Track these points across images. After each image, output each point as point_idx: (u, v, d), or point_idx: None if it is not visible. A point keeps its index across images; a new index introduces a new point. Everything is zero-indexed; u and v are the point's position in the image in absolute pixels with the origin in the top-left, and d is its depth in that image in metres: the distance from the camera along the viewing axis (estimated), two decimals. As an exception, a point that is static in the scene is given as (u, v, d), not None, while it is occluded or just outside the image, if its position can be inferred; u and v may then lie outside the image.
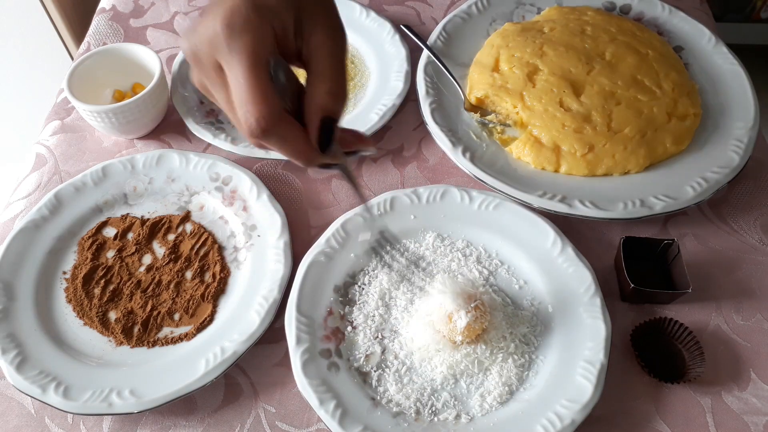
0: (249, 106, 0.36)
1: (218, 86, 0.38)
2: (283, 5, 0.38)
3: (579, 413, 0.54)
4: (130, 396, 0.57)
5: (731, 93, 0.77)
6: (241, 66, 0.36)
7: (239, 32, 0.36)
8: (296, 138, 0.38)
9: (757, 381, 0.59)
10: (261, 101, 0.36)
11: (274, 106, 0.36)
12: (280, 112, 0.37)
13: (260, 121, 0.36)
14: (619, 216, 0.66)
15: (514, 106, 0.75)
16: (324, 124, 0.39)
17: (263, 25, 0.37)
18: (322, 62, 0.39)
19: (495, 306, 0.60)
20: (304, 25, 0.39)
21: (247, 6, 0.36)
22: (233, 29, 0.36)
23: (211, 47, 0.37)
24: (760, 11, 1.89)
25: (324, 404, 0.55)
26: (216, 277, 0.66)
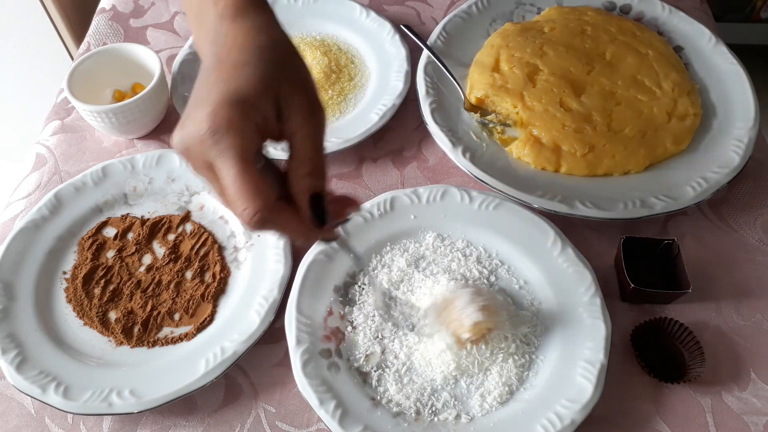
0: (245, 203, 0.38)
1: (212, 182, 0.39)
2: (263, 96, 0.39)
3: (579, 413, 0.54)
4: (130, 396, 0.57)
5: (731, 93, 0.77)
6: (230, 166, 0.37)
7: (224, 135, 0.37)
8: (292, 223, 0.41)
9: (757, 381, 0.59)
10: (254, 197, 0.38)
11: (267, 199, 0.38)
12: (273, 203, 0.39)
13: (257, 214, 0.38)
14: (619, 216, 0.66)
15: (514, 106, 0.75)
16: (313, 202, 0.41)
17: (246, 123, 0.38)
18: (302, 144, 0.41)
19: (499, 306, 0.60)
20: (282, 110, 0.40)
21: (229, 106, 0.38)
22: (217, 132, 0.37)
23: (200, 148, 0.38)
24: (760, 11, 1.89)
25: (324, 404, 0.55)
26: (216, 277, 0.66)
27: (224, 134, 0.37)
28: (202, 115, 0.38)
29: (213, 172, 0.39)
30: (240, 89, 0.39)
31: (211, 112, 0.37)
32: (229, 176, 0.38)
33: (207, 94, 0.39)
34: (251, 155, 0.38)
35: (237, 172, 0.37)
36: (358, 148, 0.76)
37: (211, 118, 0.37)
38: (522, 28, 0.82)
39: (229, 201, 0.39)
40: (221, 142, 0.37)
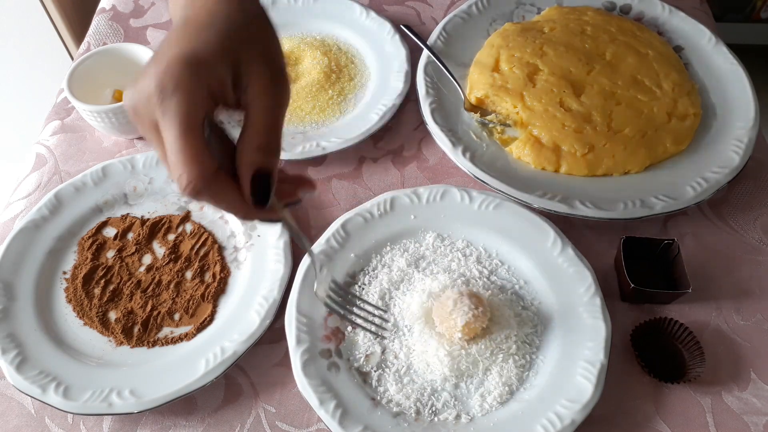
0: (181, 168, 0.36)
1: (155, 143, 0.38)
2: (219, 58, 0.37)
3: (579, 413, 0.54)
4: (130, 396, 0.57)
5: (731, 93, 0.77)
6: (172, 128, 0.36)
7: (170, 94, 0.35)
8: (230, 197, 0.39)
9: (757, 381, 0.59)
10: (192, 163, 0.36)
11: (206, 167, 0.36)
12: (211, 173, 0.37)
13: (192, 182, 0.36)
14: (619, 216, 0.66)
15: (514, 106, 0.75)
16: (257, 180, 0.39)
17: (195, 86, 0.36)
18: (256, 116, 0.39)
19: (501, 306, 0.60)
20: (241, 77, 0.38)
21: (180, 65, 0.36)
22: (165, 91, 0.35)
23: (147, 106, 0.36)
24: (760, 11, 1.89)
25: (324, 404, 0.55)
26: (216, 277, 0.66)
27: (171, 93, 0.35)
28: (153, 72, 0.36)
29: (158, 134, 0.37)
30: (196, 49, 0.37)
31: (162, 69, 0.36)
32: (170, 138, 0.36)
33: (163, 52, 0.37)
34: (197, 120, 0.36)
35: (178, 134, 0.36)
36: (358, 148, 0.76)
37: (160, 76, 0.36)
38: (522, 28, 0.82)
39: (168, 165, 0.37)
40: (167, 101, 0.35)
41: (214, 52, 0.37)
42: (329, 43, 0.86)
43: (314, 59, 0.83)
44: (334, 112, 0.79)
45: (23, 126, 1.43)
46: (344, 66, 0.84)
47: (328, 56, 0.83)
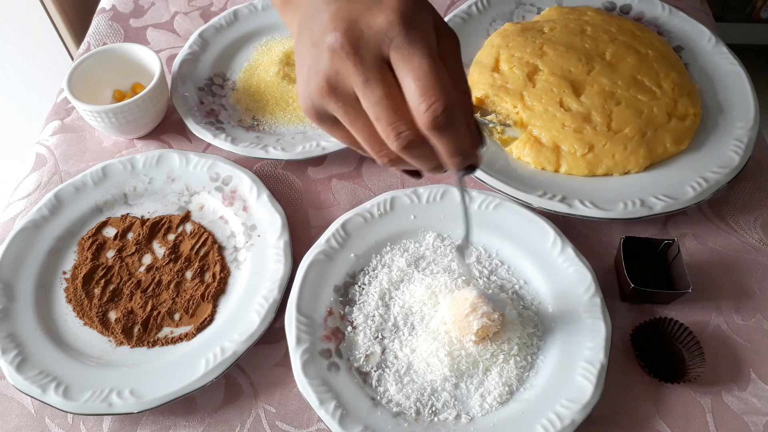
0: (437, 95, 0.35)
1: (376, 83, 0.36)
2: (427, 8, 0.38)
3: (579, 413, 0.54)
4: (130, 396, 0.57)
5: (731, 93, 0.77)
6: (425, 56, 0.35)
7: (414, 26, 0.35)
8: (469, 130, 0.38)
9: (757, 381, 0.59)
10: (447, 89, 0.35)
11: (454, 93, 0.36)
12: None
13: (449, 107, 0.35)
14: (619, 216, 0.66)
15: (514, 106, 0.75)
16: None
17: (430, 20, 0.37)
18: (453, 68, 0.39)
19: (503, 307, 0.60)
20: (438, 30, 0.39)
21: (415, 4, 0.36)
22: (408, 22, 0.35)
23: (381, 40, 0.35)
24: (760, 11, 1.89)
25: (324, 404, 0.55)
26: (216, 277, 0.66)
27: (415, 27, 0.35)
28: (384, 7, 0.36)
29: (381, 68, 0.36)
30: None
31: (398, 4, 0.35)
32: (422, 67, 0.35)
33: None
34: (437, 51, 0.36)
35: (432, 62, 0.35)
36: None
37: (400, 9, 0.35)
38: (522, 28, 0.82)
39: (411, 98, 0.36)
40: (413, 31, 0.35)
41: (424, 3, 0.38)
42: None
43: (314, 59, 0.82)
44: (334, 112, 0.79)
45: (23, 126, 1.44)
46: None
47: (328, 56, 0.83)
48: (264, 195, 0.70)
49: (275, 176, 0.75)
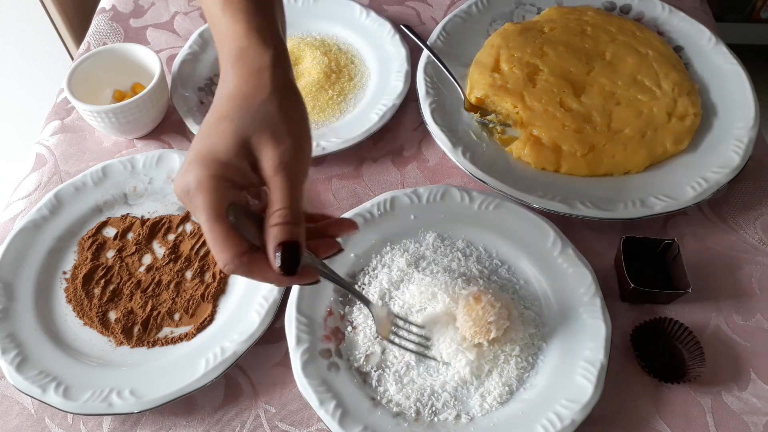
0: (215, 253, 0.41)
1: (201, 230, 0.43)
2: (234, 152, 0.42)
3: (579, 413, 0.54)
4: (130, 396, 0.57)
5: (731, 93, 0.77)
6: (202, 221, 0.41)
7: (194, 194, 0.41)
8: (261, 271, 0.42)
9: (757, 381, 0.59)
10: (223, 248, 0.41)
11: (235, 250, 0.41)
12: (242, 253, 0.41)
13: (226, 264, 0.41)
14: (619, 216, 0.66)
15: (514, 106, 0.75)
16: (286, 250, 0.41)
17: (213, 183, 0.41)
18: (273, 195, 0.42)
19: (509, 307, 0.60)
20: (257, 161, 0.43)
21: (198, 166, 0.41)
22: (189, 193, 0.41)
23: (182, 201, 0.42)
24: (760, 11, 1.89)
25: (324, 404, 0.55)
26: (216, 277, 0.66)
27: (195, 194, 0.41)
28: (183, 171, 0.41)
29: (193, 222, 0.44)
30: (213, 147, 0.41)
31: (184, 172, 0.41)
32: (204, 229, 0.41)
33: (193, 145, 0.42)
34: (220, 211, 0.41)
35: (207, 227, 0.41)
36: (358, 148, 0.76)
37: (183, 178, 0.41)
38: (522, 28, 0.82)
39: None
40: (193, 200, 0.41)
41: (228, 146, 0.42)
42: (329, 43, 0.86)
43: (314, 59, 0.83)
44: (334, 112, 0.79)
45: (23, 126, 1.44)
46: (344, 66, 0.84)
47: (328, 56, 0.83)
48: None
49: (275, 176, 0.75)
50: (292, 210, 0.42)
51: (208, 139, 0.42)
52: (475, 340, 0.57)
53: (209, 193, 0.40)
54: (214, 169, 0.41)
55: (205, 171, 0.41)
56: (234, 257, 0.41)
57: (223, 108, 0.43)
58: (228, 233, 0.41)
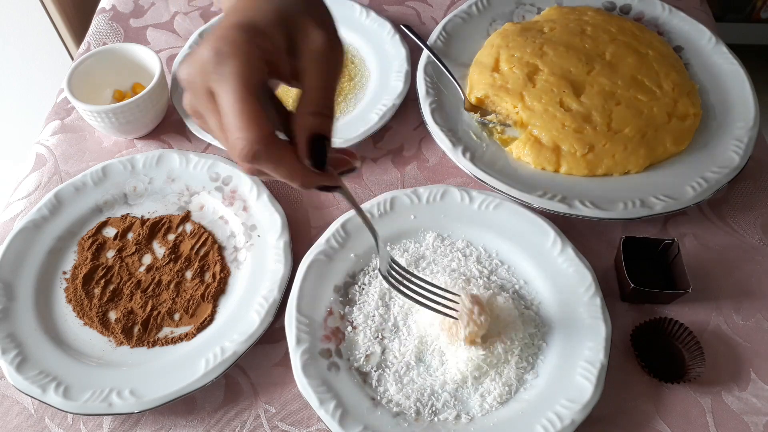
0: (240, 131, 0.35)
1: (210, 113, 0.37)
2: (275, 25, 0.38)
3: (579, 413, 0.54)
4: (130, 396, 0.57)
5: (731, 93, 0.77)
6: (230, 91, 0.36)
7: (226, 57, 0.36)
8: (290, 160, 0.38)
9: (757, 381, 0.59)
10: (251, 125, 0.35)
11: (265, 129, 0.36)
12: (271, 135, 0.36)
13: (252, 144, 0.36)
14: (619, 216, 0.66)
15: (514, 106, 0.75)
16: (314, 144, 0.39)
17: (251, 48, 0.36)
18: (310, 80, 0.39)
19: (507, 308, 0.60)
20: (296, 44, 0.39)
21: (235, 30, 0.36)
22: (221, 54, 0.36)
23: (203, 74, 0.36)
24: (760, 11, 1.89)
25: (324, 404, 0.55)
26: (216, 277, 0.66)
27: (228, 57, 0.36)
28: (209, 39, 0.36)
29: (212, 102, 0.37)
30: (252, 17, 0.37)
31: (218, 35, 0.36)
32: (227, 101, 0.36)
33: (219, 24, 0.37)
34: (254, 82, 0.36)
35: (237, 97, 0.35)
36: (358, 148, 0.76)
37: (216, 42, 0.36)
38: (522, 28, 0.82)
39: (224, 129, 0.37)
40: (224, 64, 0.35)
41: (269, 19, 0.37)
42: None
43: (314, 59, 0.82)
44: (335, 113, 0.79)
45: (23, 126, 1.43)
46: (344, 66, 0.84)
47: (328, 56, 0.83)
48: (264, 195, 0.70)
49: (275, 176, 0.75)
50: (327, 101, 0.39)
51: (246, 13, 0.37)
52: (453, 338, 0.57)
53: (245, 59, 0.36)
54: (254, 36, 0.36)
55: (243, 35, 0.36)
56: (262, 138, 0.35)
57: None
58: (258, 109, 0.36)
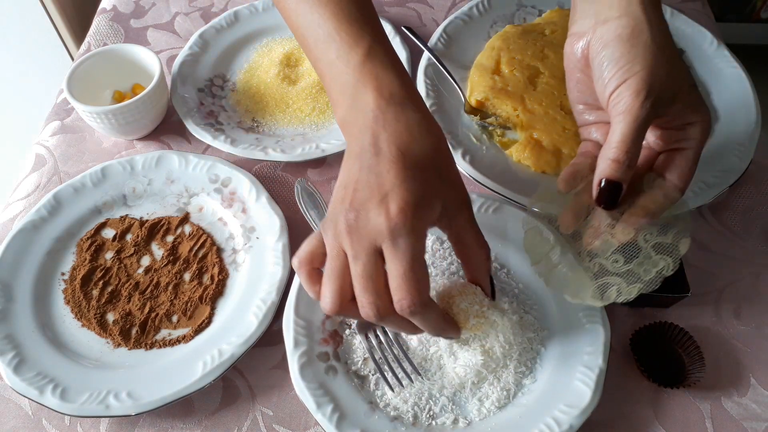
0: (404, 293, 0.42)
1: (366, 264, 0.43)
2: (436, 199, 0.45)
3: (577, 418, 0.54)
4: (127, 398, 0.57)
5: (733, 96, 0.77)
6: (404, 260, 0.42)
7: (405, 235, 0.42)
8: (435, 317, 0.46)
9: (757, 387, 0.59)
10: (417, 289, 0.42)
11: (427, 293, 0.43)
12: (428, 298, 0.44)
13: (414, 304, 0.42)
14: (619, 220, 0.65)
15: (515, 108, 0.75)
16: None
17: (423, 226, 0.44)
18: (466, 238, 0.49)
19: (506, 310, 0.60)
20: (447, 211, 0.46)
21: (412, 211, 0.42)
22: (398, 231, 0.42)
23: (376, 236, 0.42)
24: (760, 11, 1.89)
25: (321, 408, 0.55)
26: (214, 279, 0.65)
27: (406, 235, 0.42)
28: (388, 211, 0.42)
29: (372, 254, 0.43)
30: (421, 194, 0.43)
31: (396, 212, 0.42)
32: (400, 267, 0.42)
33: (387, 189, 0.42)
34: (423, 254, 0.43)
35: (409, 266, 0.42)
36: (357, 150, 0.76)
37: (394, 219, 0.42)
38: (523, 31, 0.82)
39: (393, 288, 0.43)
40: (400, 239, 0.42)
41: (432, 194, 0.44)
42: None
43: (314, 61, 0.82)
44: (334, 114, 0.79)
45: (23, 126, 1.43)
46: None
47: (329, 58, 0.83)
48: (263, 197, 0.70)
49: (275, 178, 0.75)
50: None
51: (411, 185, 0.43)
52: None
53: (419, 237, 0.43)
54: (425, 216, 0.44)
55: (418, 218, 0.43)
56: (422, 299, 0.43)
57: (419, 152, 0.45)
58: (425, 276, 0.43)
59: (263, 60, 0.84)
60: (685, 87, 0.48)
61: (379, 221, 0.42)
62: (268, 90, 0.81)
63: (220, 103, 0.81)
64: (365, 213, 0.42)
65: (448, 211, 0.46)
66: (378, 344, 0.59)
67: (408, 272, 0.42)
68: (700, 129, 0.48)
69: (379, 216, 0.42)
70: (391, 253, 0.42)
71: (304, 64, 0.83)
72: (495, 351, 0.58)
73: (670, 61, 0.47)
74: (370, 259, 0.43)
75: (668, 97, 0.47)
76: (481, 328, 0.54)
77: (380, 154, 0.43)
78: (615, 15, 0.49)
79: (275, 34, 0.88)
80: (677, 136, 0.49)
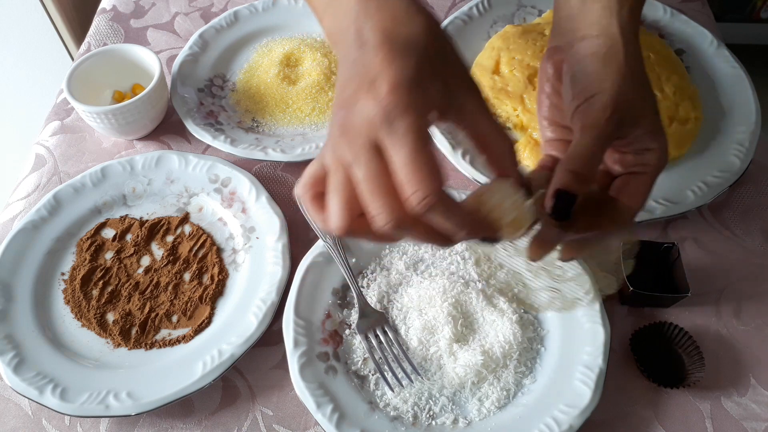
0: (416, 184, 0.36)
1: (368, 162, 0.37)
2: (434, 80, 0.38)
3: (577, 418, 0.54)
4: (127, 398, 0.57)
5: (733, 96, 0.77)
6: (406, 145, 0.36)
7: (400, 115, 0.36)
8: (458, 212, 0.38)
9: (757, 386, 0.59)
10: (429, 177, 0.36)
11: (440, 181, 0.37)
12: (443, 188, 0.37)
13: (429, 196, 0.36)
14: (619, 220, 0.65)
15: (515, 108, 0.75)
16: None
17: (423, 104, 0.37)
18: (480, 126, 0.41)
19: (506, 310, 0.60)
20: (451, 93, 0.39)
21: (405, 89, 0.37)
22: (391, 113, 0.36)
23: (369, 127, 0.37)
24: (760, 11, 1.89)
25: (321, 408, 0.55)
26: (214, 279, 0.65)
27: (401, 115, 0.36)
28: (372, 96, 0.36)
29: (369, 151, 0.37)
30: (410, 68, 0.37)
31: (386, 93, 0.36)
32: (403, 155, 0.36)
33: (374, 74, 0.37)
34: (427, 136, 0.37)
35: (412, 150, 0.36)
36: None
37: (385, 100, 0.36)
38: (523, 31, 0.82)
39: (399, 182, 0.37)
40: (396, 122, 0.36)
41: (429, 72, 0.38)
42: (330, 45, 0.86)
43: (314, 60, 0.82)
44: (334, 114, 0.79)
45: (23, 126, 1.43)
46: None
47: (329, 57, 0.83)
48: (263, 197, 0.70)
49: (274, 178, 0.75)
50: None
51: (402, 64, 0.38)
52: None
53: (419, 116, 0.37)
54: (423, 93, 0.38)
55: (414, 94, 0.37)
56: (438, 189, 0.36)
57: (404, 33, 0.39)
58: (434, 161, 0.36)
59: (263, 60, 0.84)
60: (650, 113, 0.47)
61: (370, 107, 0.36)
62: (268, 90, 0.81)
63: (220, 103, 0.81)
64: (354, 106, 0.37)
65: (451, 92, 0.39)
66: (378, 344, 0.59)
67: (413, 157, 0.36)
68: (657, 156, 0.47)
69: (369, 102, 0.36)
70: (390, 140, 0.36)
71: (304, 64, 0.83)
72: (495, 351, 0.58)
73: (640, 86, 0.47)
74: (371, 158, 0.37)
75: (632, 118, 0.46)
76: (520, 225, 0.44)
77: (365, 45, 0.39)
78: (594, 33, 0.49)
79: (275, 34, 0.88)
80: (635, 161, 0.48)
